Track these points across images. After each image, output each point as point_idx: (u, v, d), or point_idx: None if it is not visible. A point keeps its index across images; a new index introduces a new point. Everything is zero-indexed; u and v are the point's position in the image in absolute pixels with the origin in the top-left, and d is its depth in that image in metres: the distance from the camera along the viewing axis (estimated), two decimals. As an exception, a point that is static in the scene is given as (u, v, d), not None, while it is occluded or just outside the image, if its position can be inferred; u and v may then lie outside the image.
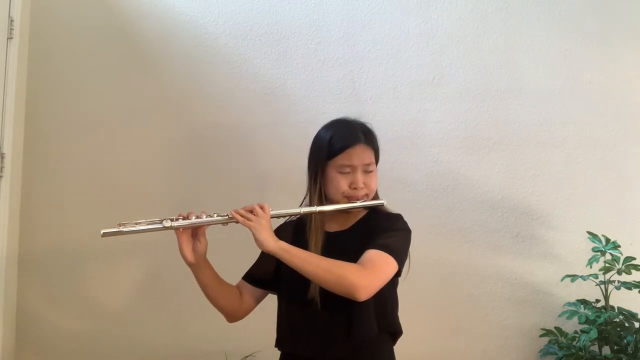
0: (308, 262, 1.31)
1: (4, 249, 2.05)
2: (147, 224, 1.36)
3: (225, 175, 2.13)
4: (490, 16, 2.15)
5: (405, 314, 2.05)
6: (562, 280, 1.89)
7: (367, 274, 1.30)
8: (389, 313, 1.44)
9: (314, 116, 2.12)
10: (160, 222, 1.36)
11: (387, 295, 1.41)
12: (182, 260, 1.41)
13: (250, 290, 1.50)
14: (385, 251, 1.35)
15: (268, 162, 2.11)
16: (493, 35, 2.14)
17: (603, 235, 1.89)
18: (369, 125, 1.52)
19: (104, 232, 1.35)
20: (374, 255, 1.34)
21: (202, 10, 2.20)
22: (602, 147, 2.08)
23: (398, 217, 1.49)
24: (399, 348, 2.07)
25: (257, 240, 1.33)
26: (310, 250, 1.39)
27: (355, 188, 1.43)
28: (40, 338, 2.11)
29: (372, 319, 1.38)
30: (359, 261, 1.33)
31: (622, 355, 1.77)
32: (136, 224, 1.36)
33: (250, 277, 1.51)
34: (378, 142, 1.52)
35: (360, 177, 1.43)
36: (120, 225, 1.34)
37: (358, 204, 1.43)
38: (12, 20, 2.11)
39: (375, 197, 1.50)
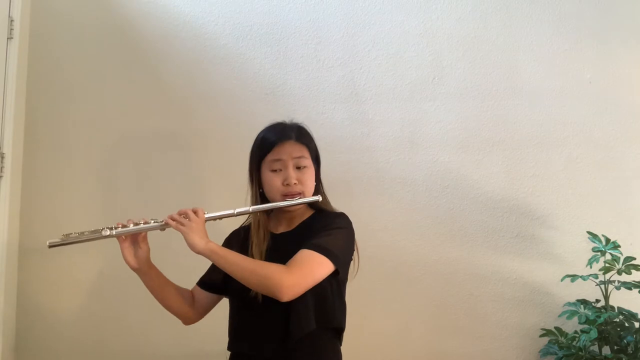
0: (234, 263, 1.34)
1: (4, 248, 2.05)
2: (90, 234, 1.44)
3: (226, 175, 2.13)
4: (490, 16, 2.15)
5: (405, 314, 2.07)
6: (562, 280, 1.89)
7: (291, 275, 1.31)
8: (329, 309, 1.42)
9: (314, 116, 2.13)
10: (100, 231, 1.42)
11: (328, 293, 1.40)
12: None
13: (203, 295, 1.54)
14: (317, 251, 1.35)
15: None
16: (493, 35, 2.14)
17: (603, 235, 1.89)
18: (304, 126, 1.53)
19: (50, 243, 1.43)
20: (304, 256, 1.35)
21: (202, 10, 2.21)
22: (602, 147, 2.08)
23: (338, 215, 1.49)
24: (399, 348, 2.07)
25: (187, 242, 1.36)
26: (252, 251, 1.42)
27: (288, 184, 1.43)
28: (40, 338, 2.11)
29: (309, 315, 1.38)
30: (288, 262, 1.34)
31: (622, 355, 1.77)
32: (79, 234, 1.44)
33: (202, 282, 1.55)
34: (314, 142, 1.52)
35: (292, 172, 1.43)
36: (64, 236, 1.43)
37: (293, 201, 1.43)
38: (12, 20, 2.11)
39: (315, 194, 1.49)
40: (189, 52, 2.19)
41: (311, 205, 1.50)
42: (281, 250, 1.41)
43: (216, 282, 1.51)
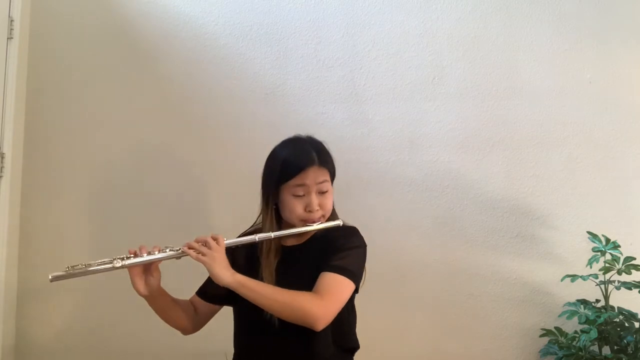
0: (265, 296, 1.31)
1: (4, 248, 2.05)
2: (97, 265, 1.35)
3: (226, 175, 2.13)
4: (490, 16, 2.15)
5: (405, 314, 2.07)
6: (562, 280, 1.89)
7: (324, 304, 1.30)
8: (347, 331, 1.43)
9: (314, 116, 2.13)
10: (111, 262, 1.34)
11: (346, 313, 1.40)
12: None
13: (204, 305, 1.51)
14: (340, 274, 1.35)
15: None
16: (493, 35, 2.14)
17: (603, 235, 1.89)
18: (323, 144, 1.49)
19: (52, 277, 1.34)
20: (329, 281, 1.34)
21: (202, 10, 2.20)
22: (602, 147, 2.07)
23: (353, 232, 1.47)
24: (398, 348, 2.07)
25: (212, 276, 1.32)
26: (264, 269, 1.39)
27: (310, 211, 1.40)
28: (40, 338, 2.11)
29: (329, 340, 1.37)
30: (315, 288, 1.33)
31: (622, 355, 1.77)
32: (85, 265, 1.35)
33: (204, 294, 1.51)
34: (333, 160, 1.49)
35: (314, 199, 1.40)
36: (69, 268, 1.34)
37: (314, 226, 1.42)
38: (12, 20, 2.11)
39: (333, 216, 1.48)
40: (189, 52, 2.19)
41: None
42: (291, 263, 1.41)
43: (219, 293, 1.46)
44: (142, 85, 2.19)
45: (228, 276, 1.31)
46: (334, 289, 1.33)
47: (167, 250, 1.37)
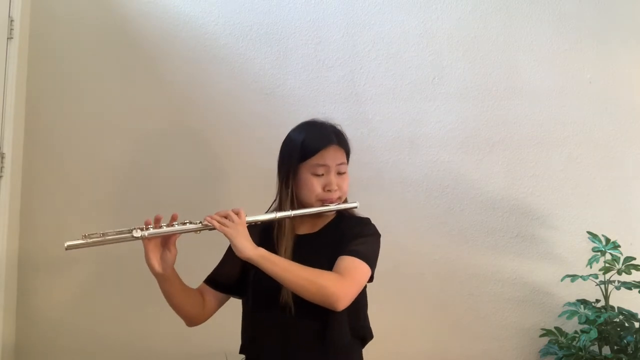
0: (288, 270, 1.29)
1: (4, 248, 2.05)
2: (116, 234, 1.30)
3: (226, 176, 2.13)
4: (490, 16, 2.15)
5: (405, 314, 2.07)
6: (562, 280, 1.89)
7: (345, 284, 1.29)
8: (361, 318, 1.43)
9: (313, 116, 2.09)
10: (130, 232, 1.29)
11: (359, 301, 1.39)
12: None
13: (213, 294, 1.46)
14: (358, 257, 1.34)
15: (268, 162, 2.10)
16: (493, 35, 2.14)
17: (603, 235, 1.89)
18: (340, 127, 1.50)
19: (68, 245, 1.27)
20: (348, 263, 1.33)
21: (202, 10, 2.20)
22: (602, 147, 2.07)
23: (367, 222, 1.47)
24: (398, 348, 2.07)
25: (235, 247, 1.30)
26: (280, 255, 1.36)
27: (329, 190, 1.41)
28: (40, 338, 2.11)
29: (345, 326, 1.37)
30: (334, 269, 1.32)
31: (622, 355, 1.77)
32: (103, 234, 1.29)
33: (214, 282, 1.47)
34: (349, 144, 1.50)
35: (334, 179, 1.41)
36: (85, 237, 1.28)
37: (333, 207, 1.42)
38: (12, 20, 2.11)
39: (347, 200, 1.48)
40: (189, 52, 2.19)
41: None
42: (305, 251, 1.40)
43: (230, 282, 1.45)
44: (142, 85, 2.19)
45: (251, 248, 1.29)
46: (354, 271, 1.32)
47: (188, 223, 1.33)
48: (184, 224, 1.33)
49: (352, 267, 1.32)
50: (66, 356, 2.10)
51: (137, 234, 1.28)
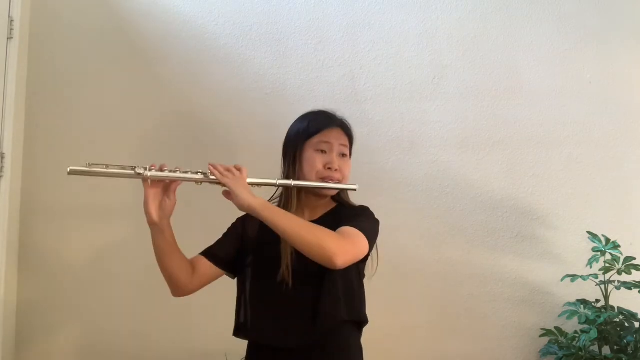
0: (289, 220, 1.28)
1: (4, 248, 2.05)
2: (119, 168, 1.31)
3: (225, 175, 2.13)
4: (490, 16, 2.15)
5: (405, 314, 2.07)
6: (562, 280, 1.89)
7: (345, 243, 1.28)
8: (356, 302, 1.42)
9: (314, 116, 2.12)
10: (133, 168, 1.30)
11: (355, 283, 1.41)
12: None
13: (206, 267, 1.43)
14: (357, 229, 1.34)
15: (268, 162, 2.11)
16: (493, 35, 2.14)
17: (603, 235, 1.89)
18: (345, 119, 1.55)
19: (70, 169, 1.30)
20: (349, 230, 1.33)
21: (202, 10, 2.21)
22: (602, 147, 2.07)
23: (366, 208, 1.50)
24: (398, 348, 2.07)
25: (235, 196, 1.29)
26: (281, 245, 1.37)
27: (330, 168, 1.43)
28: (40, 338, 2.11)
29: (339, 304, 1.36)
30: (336, 232, 1.32)
31: (622, 355, 1.77)
32: (107, 166, 1.31)
33: (211, 254, 1.45)
34: (354, 136, 1.55)
35: (336, 158, 1.44)
36: (89, 165, 1.30)
37: (332, 184, 1.43)
38: (12, 20, 2.12)
39: (344, 194, 1.51)
40: (189, 52, 2.19)
41: (334, 198, 1.50)
42: None
43: (227, 257, 1.45)
44: (142, 85, 2.19)
45: (252, 198, 1.29)
46: (354, 236, 1.32)
47: (190, 172, 1.34)
48: (186, 172, 1.34)
49: (352, 234, 1.32)
50: (66, 356, 2.10)
51: (140, 170, 1.30)
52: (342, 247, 1.26)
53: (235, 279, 1.50)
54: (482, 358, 2.03)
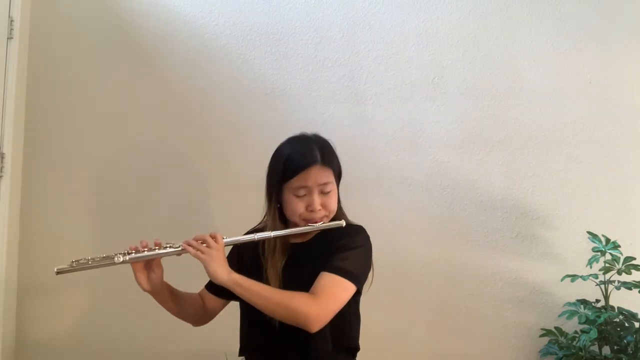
0: (260, 295, 1.31)
1: (4, 248, 2.05)
2: (101, 260, 1.38)
3: (225, 176, 2.13)
4: (490, 16, 2.15)
5: (405, 314, 2.07)
6: (562, 280, 1.89)
7: (318, 305, 1.29)
8: (348, 331, 1.42)
9: (314, 116, 2.13)
10: (112, 257, 1.37)
11: (347, 314, 1.40)
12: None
13: (212, 299, 1.51)
14: (340, 275, 1.33)
15: (268, 163, 2.11)
16: (493, 35, 2.14)
17: (603, 235, 1.89)
18: (328, 142, 1.48)
19: (57, 270, 1.38)
20: (328, 282, 1.33)
21: (202, 10, 2.20)
22: (602, 147, 2.08)
23: (358, 231, 1.46)
24: (398, 348, 2.07)
25: (208, 273, 1.33)
26: (270, 269, 1.39)
27: (312, 210, 1.39)
28: (40, 338, 2.11)
29: (326, 336, 1.37)
30: (312, 288, 1.32)
31: (622, 355, 1.77)
32: (89, 260, 1.38)
33: (212, 287, 1.50)
34: (339, 160, 1.48)
35: (317, 199, 1.39)
36: (73, 263, 1.38)
37: (316, 226, 1.40)
38: (12, 20, 2.11)
39: (338, 216, 1.47)
40: (189, 52, 2.19)
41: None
42: (296, 262, 1.41)
43: (225, 288, 1.46)
44: (142, 85, 2.19)
45: (224, 275, 1.32)
46: (331, 290, 1.32)
47: (168, 247, 1.38)
48: (165, 248, 1.38)
49: (330, 286, 1.32)
50: (66, 355, 2.09)
51: (119, 259, 1.36)
52: (315, 311, 1.29)
53: None
54: (482, 358, 2.03)
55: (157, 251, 1.38)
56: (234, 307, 1.51)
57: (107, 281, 2.12)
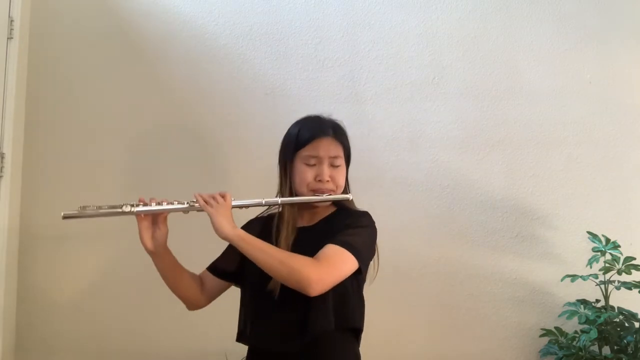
0: (263, 251, 1.31)
1: (4, 248, 2.05)
2: (108, 208, 1.37)
3: (225, 176, 2.13)
4: (490, 16, 2.15)
5: (405, 314, 2.07)
6: (562, 280, 1.89)
7: (320, 269, 1.28)
8: (350, 310, 1.40)
9: (314, 116, 2.12)
10: (120, 207, 1.37)
11: (350, 292, 1.39)
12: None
13: (212, 281, 1.50)
14: (344, 247, 1.33)
15: (268, 163, 2.11)
16: (493, 35, 2.14)
17: (603, 235, 1.89)
18: (341, 123, 1.52)
19: (64, 214, 1.36)
20: (331, 251, 1.33)
21: (202, 10, 2.21)
22: (602, 147, 2.08)
23: (363, 214, 1.47)
24: (398, 348, 2.07)
25: (213, 225, 1.32)
26: (279, 246, 1.38)
27: (320, 180, 1.41)
28: (40, 338, 2.11)
29: (329, 314, 1.35)
30: (316, 255, 1.32)
31: (622, 355, 1.77)
32: (98, 207, 1.37)
33: (214, 268, 1.51)
34: (349, 141, 1.51)
35: (326, 169, 1.42)
36: (81, 209, 1.37)
37: (323, 197, 1.42)
38: (12, 20, 2.11)
39: (344, 193, 1.48)
40: (189, 52, 2.19)
41: (335, 202, 1.48)
42: (302, 244, 1.40)
43: (229, 269, 1.48)
44: (142, 85, 2.19)
45: (229, 228, 1.32)
46: (333, 259, 1.32)
47: (176, 203, 1.38)
48: (172, 203, 1.39)
49: (333, 255, 1.32)
50: (65, 356, 2.09)
51: (127, 208, 1.37)
52: (316, 274, 1.27)
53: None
54: (482, 358, 2.03)
55: (164, 206, 1.38)
56: (233, 308, 1.51)
57: (108, 280, 2.13)
